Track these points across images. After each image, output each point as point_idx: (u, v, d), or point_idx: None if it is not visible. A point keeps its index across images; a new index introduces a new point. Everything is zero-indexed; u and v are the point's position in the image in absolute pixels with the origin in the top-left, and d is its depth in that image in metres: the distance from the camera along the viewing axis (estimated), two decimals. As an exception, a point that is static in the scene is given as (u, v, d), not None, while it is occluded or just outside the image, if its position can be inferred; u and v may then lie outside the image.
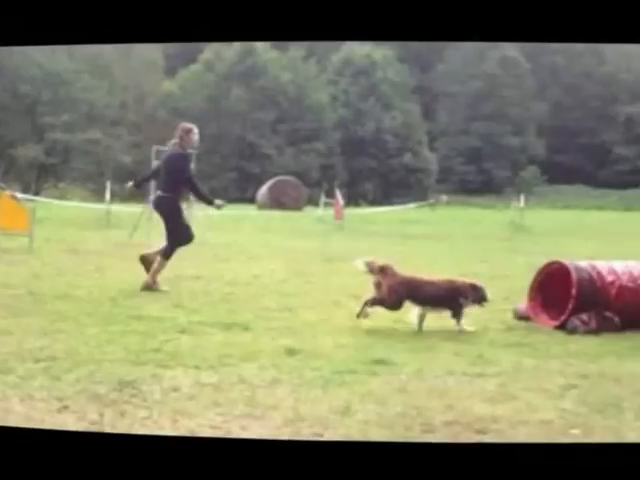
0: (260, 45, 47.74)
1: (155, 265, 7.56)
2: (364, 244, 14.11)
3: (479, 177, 61.18)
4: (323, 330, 5.95)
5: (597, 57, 70.23)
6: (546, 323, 6.55)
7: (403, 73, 56.16)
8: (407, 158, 53.19)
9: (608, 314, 6.35)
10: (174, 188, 7.70)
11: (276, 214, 26.78)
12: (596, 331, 6.16)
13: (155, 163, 10.85)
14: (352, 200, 35.64)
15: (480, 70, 61.33)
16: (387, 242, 15.31)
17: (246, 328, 5.90)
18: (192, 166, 8.32)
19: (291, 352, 5.05)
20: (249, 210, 28.65)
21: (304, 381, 4.36)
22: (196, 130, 7.79)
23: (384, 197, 48.04)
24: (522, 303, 6.89)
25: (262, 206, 34.26)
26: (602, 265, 6.73)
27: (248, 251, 12.91)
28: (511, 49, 61.63)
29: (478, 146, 61.48)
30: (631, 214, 38.82)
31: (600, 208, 47.30)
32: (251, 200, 36.87)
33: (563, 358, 5.25)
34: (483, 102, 61.48)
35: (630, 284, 6.49)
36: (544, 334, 6.16)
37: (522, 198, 22.03)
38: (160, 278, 7.65)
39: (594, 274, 6.52)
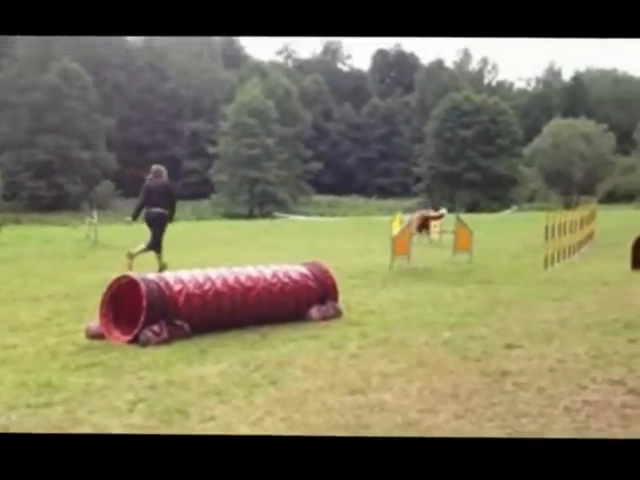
0: None
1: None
2: None
3: (52, 192, 58.59)
4: None
5: (159, 73, 73.82)
6: (119, 339, 6.48)
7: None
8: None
9: (178, 322, 6.60)
10: (168, 206, 11.00)
11: None
12: (168, 340, 6.34)
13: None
14: None
15: (41, 80, 58.66)
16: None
17: None
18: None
19: None
20: None
21: None
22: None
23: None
24: (94, 321, 6.71)
25: None
26: (169, 275, 6.99)
27: None
28: (72, 61, 60.56)
29: (47, 160, 58.76)
30: (203, 223, 41.87)
31: (175, 219, 49.72)
32: None
33: (135, 372, 5.26)
34: (47, 114, 58.90)
35: (196, 291, 6.84)
36: (117, 351, 6.07)
37: (95, 213, 21.69)
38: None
39: (162, 284, 6.69)
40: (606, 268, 11.56)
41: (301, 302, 7.48)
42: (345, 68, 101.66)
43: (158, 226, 11.05)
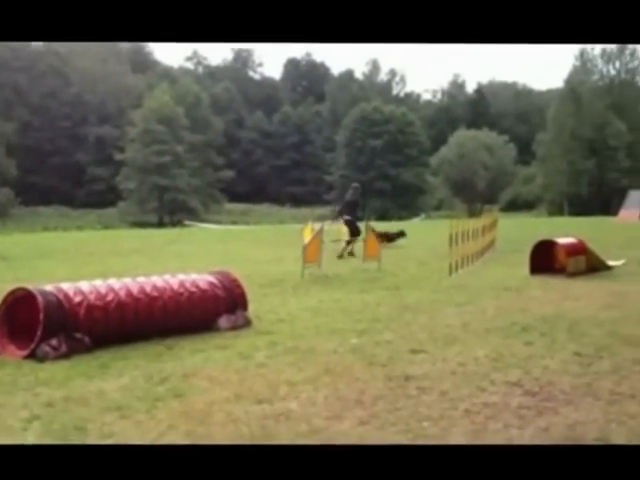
0: None
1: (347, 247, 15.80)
2: None
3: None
4: None
5: (62, 78, 71.22)
6: (15, 354, 6.15)
7: None
8: None
9: (78, 335, 6.33)
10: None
11: None
12: (67, 354, 6.07)
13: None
14: None
15: None
16: None
17: None
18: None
19: None
20: None
21: None
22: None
23: None
24: (-12, 337, 6.34)
25: None
26: (69, 286, 6.68)
27: None
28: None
29: None
30: (110, 232, 40.56)
31: (80, 228, 48.12)
32: None
33: (31, 389, 5.01)
34: None
35: (98, 302, 6.58)
36: (12, 366, 5.76)
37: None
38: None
39: (61, 296, 6.41)
40: (507, 274, 12.04)
41: (209, 312, 7.36)
42: (256, 76, 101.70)
43: (350, 226, 15.82)
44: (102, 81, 72.23)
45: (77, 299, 6.47)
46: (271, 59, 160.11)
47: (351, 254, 15.56)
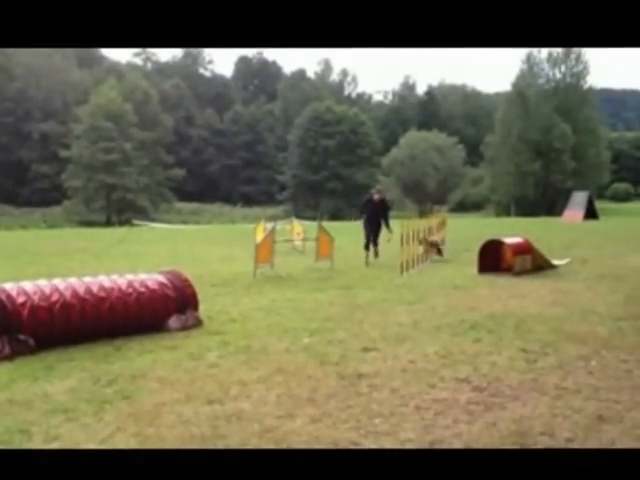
0: None
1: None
2: None
3: None
4: None
5: (5, 73, 69.04)
6: (-46, 357, 5.94)
7: None
8: None
9: (22, 337, 6.16)
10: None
11: None
12: (10, 356, 5.90)
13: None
14: None
15: None
16: None
17: None
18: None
19: None
20: None
21: None
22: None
23: None
24: None
25: None
26: (12, 287, 6.48)
27: None
28: None
29: None
30: (55, 231, 39.56)
31: (24, 227, 46.83)
32: None
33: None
34: None
35: (42, 303, 6.41)
36: (-49, 370, 5.56)
37: None
38: None
39: (4, 297, 6.22)
40: (456, 273, 12.23)
41: (159, 312, 7.25)
42: (207, 73, 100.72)
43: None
44: (47, 76, 70.30)
45: (20, 300, 6.29)
46: (222, 56, 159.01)
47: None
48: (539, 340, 6.49)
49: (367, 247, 14.65)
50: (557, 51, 68.35)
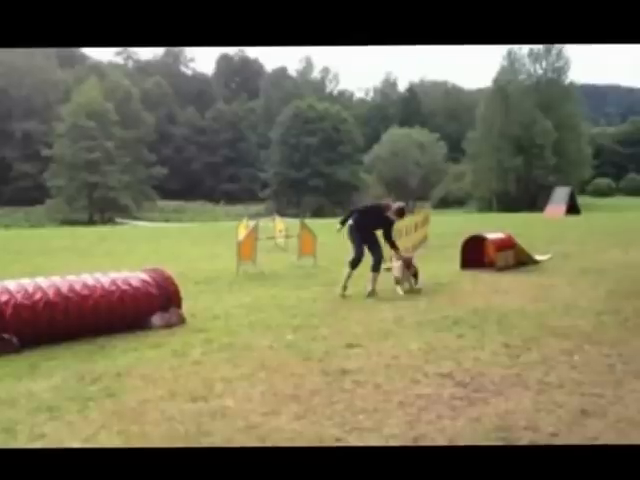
0: None
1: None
2: None
3: None
4: None
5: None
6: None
7: None
8: None
9: (5, 335, 6.13)
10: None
11: None
12: (-7, 356, 5.86)
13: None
14: None
15: None
16: None
17: None
18: None
19: None
20: None
21: None
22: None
23: None
24: None
25: None
26: (-6, 286, 6.45)
27: None
28: None
29: None
30: (38, 230, 39.23)
31: (7, 226, 46.37)
32: None
33: (-46, 393, 4.79)
34: None
35: (26, 301, 6.38)
36: None
37: None
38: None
39: (-14, 296, 6.19)
40: (438, 269, 12.30)
41: (142, 310, 7.23)
42: (188, 71, 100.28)
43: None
44: (28, 75, 69.59)
45: (3, 298, 6.26)
46: (203, 54, 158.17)
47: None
48: (522, 335, 6.56)
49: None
50: (538, 47, 68.75)
